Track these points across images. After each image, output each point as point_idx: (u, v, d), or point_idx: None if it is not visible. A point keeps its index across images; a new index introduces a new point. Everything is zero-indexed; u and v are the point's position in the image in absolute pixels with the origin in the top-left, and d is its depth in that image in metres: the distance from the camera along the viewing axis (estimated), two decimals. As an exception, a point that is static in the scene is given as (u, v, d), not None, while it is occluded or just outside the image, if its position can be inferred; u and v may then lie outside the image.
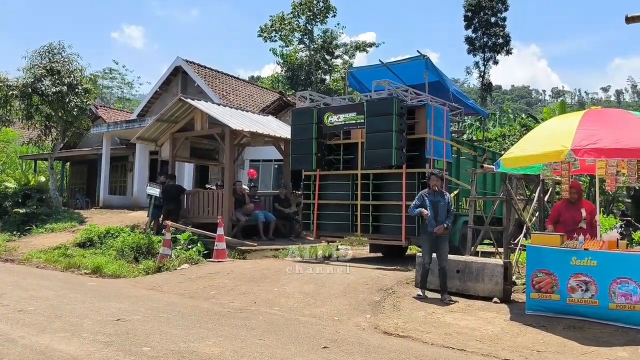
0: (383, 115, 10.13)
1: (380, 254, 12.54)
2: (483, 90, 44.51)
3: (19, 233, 15.47)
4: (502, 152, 14.59)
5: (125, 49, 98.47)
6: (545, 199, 10.24)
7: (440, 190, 8.06)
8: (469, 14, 41.59)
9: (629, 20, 9.07)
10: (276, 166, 20.08)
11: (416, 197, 8.13)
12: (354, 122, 10.86)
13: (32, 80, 17.01)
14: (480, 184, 12.39)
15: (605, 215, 13.12)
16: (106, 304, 7.36)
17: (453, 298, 7.64)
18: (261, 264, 10.44)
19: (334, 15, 38.13)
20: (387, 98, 10.34)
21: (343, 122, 11.05)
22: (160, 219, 13.84)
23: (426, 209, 7.79)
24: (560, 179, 8.50)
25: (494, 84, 51.64)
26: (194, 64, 23.06)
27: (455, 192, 11.55)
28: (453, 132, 13.01)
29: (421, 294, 7.76)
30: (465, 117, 15.72)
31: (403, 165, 10.31)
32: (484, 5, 40.87)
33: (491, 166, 9.84)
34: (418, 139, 10.51)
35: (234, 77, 26.30)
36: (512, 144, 18.32)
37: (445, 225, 7.78)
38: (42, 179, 19.69)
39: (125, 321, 6.22)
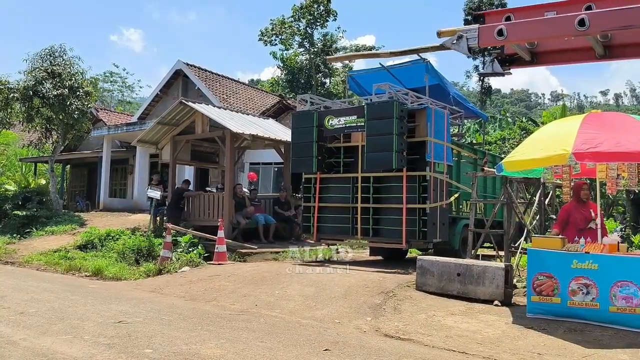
0: (383, 118, 10.16)
1: (380, 257, 12.56)
2: (483, 93, 44.61)
3: (19, 236, 15.47)
4: (503, 155, 14.62)
5: (124, 52, 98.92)
6: (546, 202, 10.26)
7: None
8: (469, 17, 41.69)
9: (330, 60, 9.92)
10: (276, 169, 20.11)
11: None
12: (355, 125, 10.88)
13: (33, 83, 17.04)
14: (480, 187, 12.42)
15: (605, 219, 13.14)
16: (107, 306, 7.36)
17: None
18: (262, 267, 10.45)
19: (334, 19, 38.26)
20: (387, 101, 10.37)
21: (344, 125, 11.07)
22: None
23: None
24: (561, 182, 8.52)
25: (493, 88, 51.72)
26: (195, 67, 23.11)
27: (456, 195, 11.58)
28: (453, 136, 13.04)
29: None
30: (465, 121, 15.74)
31: (403, 168, 10.33)
32: (484, 9, 41.00)
33: (492, 169, 9.86)
34: (418, 142, 10.54)
35: (234, 80, 26.36)
36: (512, 148, 18.35)
37: None
38: (43, 181, 19.70)
39: (126, 323, 6.22)
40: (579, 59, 7.69)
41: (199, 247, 11.78)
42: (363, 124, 10.61)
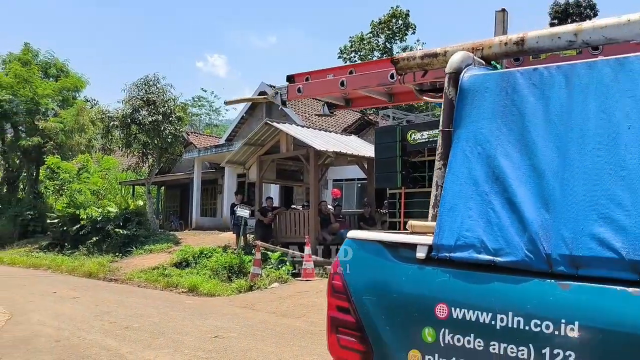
0: (469, 130, 9.93)
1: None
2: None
3: (120, 254, 16.53)
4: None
5: (210, 77, 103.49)
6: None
7: None
8: (555, 21, 39.99)
9: (227, 103, 11.87)
10: (359, 185, 20.16)
11: None
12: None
13: (131, 111, 18.25)
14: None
15: None
16: (204, 321, 7.69)
17: None
18: (349, 283, 10.45)
19: (414, 33, 38.01)
20: (472, 113, 10.15)
21: (427, 139, 10.94)
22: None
23: None
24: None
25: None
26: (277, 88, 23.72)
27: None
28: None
29: None
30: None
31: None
32: (571, 11, 39.16)
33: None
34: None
35: (316, 99, 26.79)
36: None
37: None
38: (140, 203, 20.99)
39: (222, 338, 6.47)
40: (377, 103, 9.85)
41: (287, 263, 12.03)
42: (447, 137, 10.41)
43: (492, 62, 2.92)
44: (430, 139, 10.89)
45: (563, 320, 1.85)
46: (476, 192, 2.16)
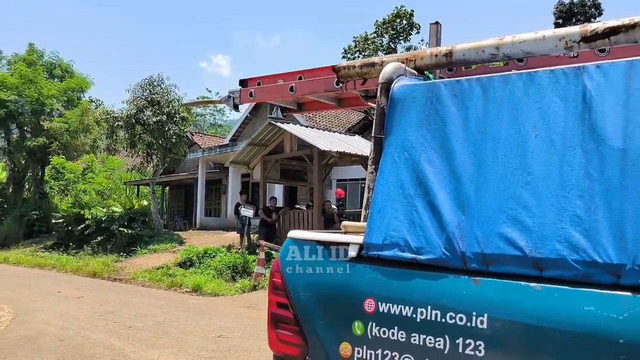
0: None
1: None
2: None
3: (125, 254, 16.55)
4: None
5: (214, 77, 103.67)
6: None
7: None
8: (560, 21, 39.84)
9: (184, 105, 12.50)
10: (363, 185, 20.15)
11: None
12: (443, 138, 10.72)
13: (135, 111, 18.25)
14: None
15: None
16: (207, 321, 7.70)
17: None
18: (353, 283, 10.45)
19: (418, 32, 37.92)
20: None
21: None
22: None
23: None
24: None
25: None
26: (282, 88, 23.72)
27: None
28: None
29: None
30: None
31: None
32: (575, 11, 39.01)
33: None
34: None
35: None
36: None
37: None
38: (145, 202, 21.02)
39: (226, 338, 6.49)
40: (327, 107, 10.05)
41: (291, 263, 12.03)
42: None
43: (425, 72, 3.09)
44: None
45: (474, 313, 2.01)
46: (402, 195, 2.33)
